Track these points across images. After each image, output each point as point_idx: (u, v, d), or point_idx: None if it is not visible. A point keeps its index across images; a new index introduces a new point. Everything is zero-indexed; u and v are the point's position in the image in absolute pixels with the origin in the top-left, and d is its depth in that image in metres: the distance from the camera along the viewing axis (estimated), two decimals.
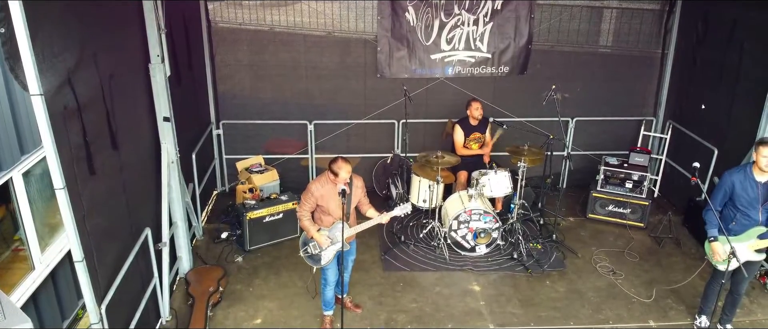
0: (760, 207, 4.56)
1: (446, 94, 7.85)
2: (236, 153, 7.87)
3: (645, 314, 5.55)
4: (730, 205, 4.72)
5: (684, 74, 7.70)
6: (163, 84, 5.13)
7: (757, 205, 4.56)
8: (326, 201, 4.77)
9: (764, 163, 4.44)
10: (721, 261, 4.71)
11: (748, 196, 4.57)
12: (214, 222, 7.14)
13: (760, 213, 4.57)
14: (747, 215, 4.62)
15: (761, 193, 4.54)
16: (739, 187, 4.61)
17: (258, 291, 5.75)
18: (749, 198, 4.57)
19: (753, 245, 4.66)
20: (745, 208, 4.61)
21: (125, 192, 4.49)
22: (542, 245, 6.68)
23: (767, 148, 4.43)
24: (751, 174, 4.57)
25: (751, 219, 4.62)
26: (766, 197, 4.53)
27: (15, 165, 5.07)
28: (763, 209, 4.55)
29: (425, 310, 5.52)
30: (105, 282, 3.94)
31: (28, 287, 4.61)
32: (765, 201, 4.54)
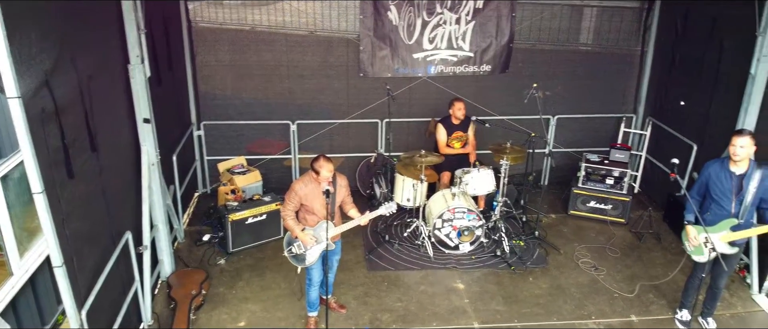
0: (733, 199, 4.65)
1: (429, 93, 7.88)
2: (218, 154, 7.82)
3: (627, 309, 5.63)
4: (707, 195, 4.84)
5: (663, 71, 7.82)
6: (143, 85, 5.08)
7: (730, 196, 4.66)
8: (310, 200, 4.77)
9: (732, 151, 4.56)
10: (695, 247, 4.82)
11: (722, 187, 4.68)
12: (196, 224, 7.09)
13: (733, 205, 4.67)
14: (720, 205, 4.73)
15: (735, 185, 4.64)
16: (714, 177, 4.73)
17: (241, 293, 5.72)
18: (723, 188, 4.68)
19: (726, 237, 4.76)
20: (718, 198, 4.72)
21: (105, 196, 4.44)
22: (525, 242, 6.74)
23: (738, 137, 4.55)
24: (728, 166, 4.68)
25: (723, 210, 4.73)
26: (739, 189, 4.63)
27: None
28: (736, 201, 4.65)
29: (410, 309, 5.55)
30: (85, 286, 3.91)
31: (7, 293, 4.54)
32: (739, 193, 4.63)
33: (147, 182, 5.28)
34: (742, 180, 4.63)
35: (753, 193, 4.60)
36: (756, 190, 4.59)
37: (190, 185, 7.57)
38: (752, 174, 4.61)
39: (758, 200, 4.65)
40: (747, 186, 4.60)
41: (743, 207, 4.64)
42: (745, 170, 4.64)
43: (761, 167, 4.63)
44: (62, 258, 3.44)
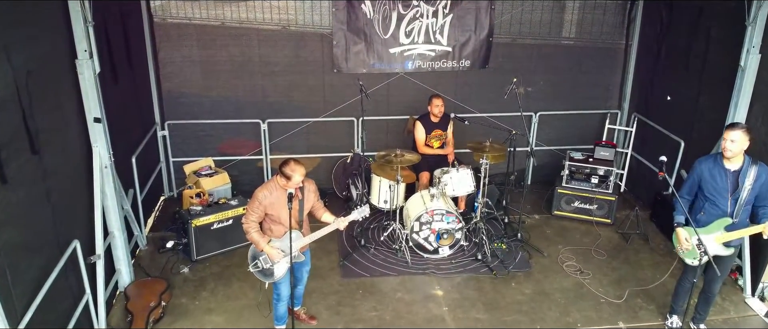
0: (729, 197, 4.44)
1: (407, 89, 7.64)
2: (185, 155, 7.51)
3: (614, 315, 5.42)
4: (700, 194, 4.61)
5: (649, 65, 7.65)
6: (92, 82, 4.76)
7: (726, 194, 4.45)
8: (276, 209, 4.46)
9: (724, 146, 4.34)
10: (687, 251, 4.60)
11: (717, 185, 4.46)
12: (161, 230, 6.76)
13: (729, 203, 4.46)
14: (715, 204, 4.51)
15: (730, 182, 4.43)
16: (707, 175, 4.50)
17: (204, 304, 5.42)
18: (718, 186, 4.46)
19: (720, 237, 4.54)
20: (713, 197, 4.49)
21: (50, 201, 4.14)
22: (507, 245, 6.52)
23: (730, 131, 4.33)
24: (721, 162, 4.46)
25: (718, 209, 4.51)
26: (735, 186, 4.42)
27: None
28: (731, 199, 4.44)
29: (385, 319, 5.29)
30: (23, 302, 3.59)
31: None
32: (734, 190, 4.42)
33: (99, 186, 4.96)
34: (738, 177, 4.41)
35: (749, 190, 4.39)
36: (752, 187, 4.39)
37: (156, 189, 7.24)
38: (748, 170, 4.40)
39: (753, 198, 4.44)
40: (743, 183, 4.39)
41: (739, 206, 4.44)
42: (740, 166, 4.42)
43: (757, 163, 4.43)
44: None
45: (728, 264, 4.81)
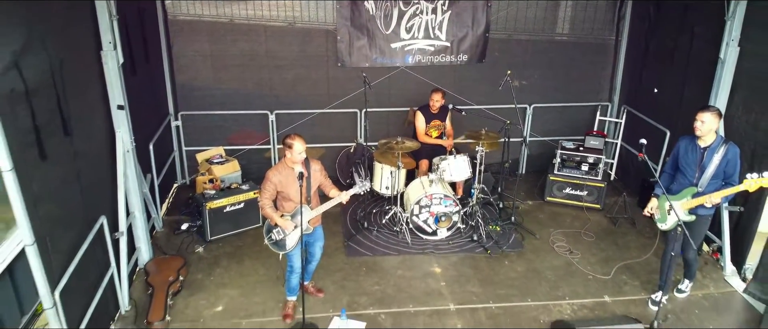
0: (696, 169, 4.94)
1: (408, 82, 7.94)
2: (197, 145, 7.82)
3: (601, 290, 5.74)
4: (678, 167, 5.13)
5: (637, 60, 7.95)
6: (116, 71, 5.08)
7: (695, 167, 4.96)
8: (285, 187, 4.80)
9: (695, 126, 4.85)
10: (660, 215, 5.17)
11: (688, 158, 5.00)
12: (175, 214, 7.08)
13: (696, 175, 4.95)
14: (684, 175, 5.05)
15: (699, 156, 4.93)
16: (683, 150, 5.05)
17: (219, 279, 5.74)
18: (688, 160, 5.00)
19: (685, 204, 5.01)
20: (684, 169, 5.05)
21: (79, 180, 4.44)
22: (501, 227, 6.83)
23: (701, 113, 4.82)
24: (696, 141, 4.95)
25: (687, 180, 5.03)
26: (702, 161, 4.92)
27: None
28: (699, 171, 4.93)
29: (387, 292, 5.60)
30: (59, 268, 3.91)
31: None
32: (701, 163, 4.91)
33: (122, 168, 5.28)
34: (706, 153, 4.90)
35: (715, 165, 4.85)
36: (719, 163, 4.84)
37: (169, 176, 7.55)
38: (717, 148, 4.86)
39: (721, 173, 4.88)
40: (710, 158, 4.87)
41: (704, 177, 4.91)
42: (710, 144, 4.89)
43: (728, 143, 4.85)
44: (33, 237, 3.44)
45: (697, 230, 5.17)
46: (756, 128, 5.75)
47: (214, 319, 5.15)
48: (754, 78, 5.80)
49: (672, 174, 5.20)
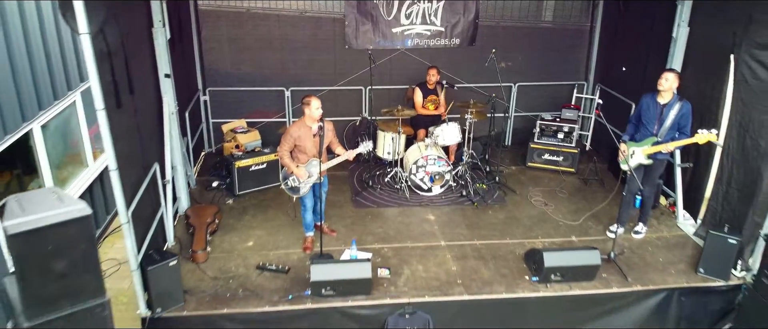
0: (656, 122, 5.91)
1: (407, 62, 8.84)
2: (222, 117, 8.73)
3: (569, 232, 6.66)
4: (640, 120, 6.10)
5: (609, 43, 8.86)
6: (164, 45, 6.00)
7: (655, 121, 5.93)
8: (303, 141, 5.72)
9: (660, 82, 5.85)
10: (624, 158, 6.07)
11: (649, 113, 5.97)
12: (204, 176, 7.99)
13: (656, 127, 5.92)
14: (646, 127, 6.00)
15: (658, 111, 5.90)
16: (645, 106, 6.02)
17: (248, 223, 6.67)
18: (650, 114, 5.96)
19: (646, 150, 5.99)
20: (646, 122, 6.01)
21: (139, 131, 5.35)
22: (487, 185, 7.74)
23: (665, 72, 5.86)
24: (656, 98, 5.92)
25: (647, 131, 6.00)
26: (661, 114, 5.89)
27: (35, 118, 5.98)
28: (658, 124, 5.90)
29: (389, 233, 6.52)
30: (129, 195, 4.81)
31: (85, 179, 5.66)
32: (660, 117, 5.89)
33: (168, 128, 6.20)
34: (664, 108, 5.85)
35: (672, 119, 5.84)
36: (674, 117, 5.83)
37: (198, 145, 8.46)
38: (673, 104, 5.85)
39: (676, 125, 5.86)
40: (667, 113, 5.84)
41: (662, 129, 5.89)
42: (668, 101, 5.87)
43: (682, 101, 5.85)
44: (116, 164, 4.36)
45: (654, 172, 6.18)
46: (703, 96, 6.61)
47: (246, 251, 6.08)
48: (700, 54, 6.70)
49: (636, 126, 6.18)
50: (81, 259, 3.74)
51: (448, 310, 5.42)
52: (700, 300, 5.84)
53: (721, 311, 5.92)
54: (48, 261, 3.62)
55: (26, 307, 3.70)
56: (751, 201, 5.77)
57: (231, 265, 5.80)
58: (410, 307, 5.32)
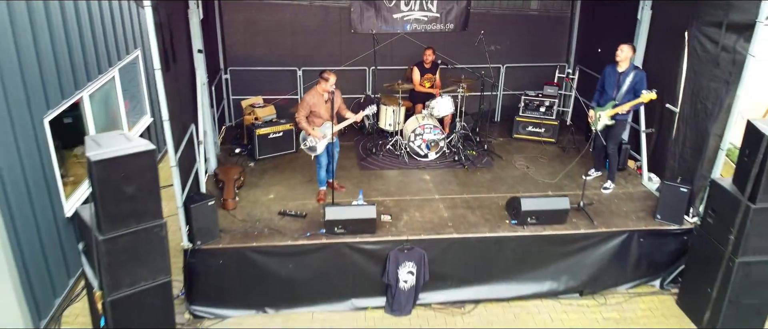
0: (615, 88, 6.86)
1: (406, 46, 9.70)
2: (240, 94, 9.63)
3: (546, 189, 7.54)
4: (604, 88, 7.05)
5: (587, 27, 9.74)
6: (198, 24, 6.88)
7: (614, 87, 6.90)
8: (317, 107, 6.62)
9: (616, 53, 6.86)
10: (593, 121, 7.06)
11: (610, 80, 6.97)
12: (227, 145, 8.88)
13: (614, 92, 6.88)
14: (607, 93, 6.98)
15: (616, 79, 6.90)
16: (606, 75, 7.03)
17: (268, 181, 7.56)
18: (610, 81, 6.96)
19: (608, 112, 6.92)
20: (607, 89, 7.02)
21: (179, 96, 6.22)
22: (477, 152, 8.63)
23: (621, 45, 6.84)
24: (615, 68, 6.94)
25: (609, 96, 6.95)
26: (618, 81, 6.89)
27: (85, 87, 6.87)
28: (616, 89, 6.87)
29: (390, 189, 7.42)
30: (176, 145, 5.68)
31: None
32: (618, 83, 6.87)
33: (200, 97, 7.08)
34: (621, 76, 6.82)
35: (628, 84, 6.83)
36: (630, 82, 6.82)
37: (220, 120, 9.33)
38: (629, 72, 6.84)
39: (632, 90, 6.80)
40: (624, 80, 6.83)
41: (620, 94, 6.87)
42: (625, 70, 6.85)
43: (637, 69, 6.85)
44: (169, 116, 5.25)
45: (617, 131, 7.19)
46: (664, 69, 7.48)
47: (268, 202, 6.97)
48: (661, 32, 7.58)
49: (600, 93, 7.13)
50: (146, 186, 4.62)
51: (440, 246, 6.31)
52: (657, 242, 6.72)
53: (677, 252, 6.79)
54: (121, 186, 4.48)
55: (101, 224, 4.57)
56: (700, 156, 6.65)
57: (256, 212, 6.70)
58: (408, 243, 6.20)
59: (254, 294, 6.20)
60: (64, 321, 6.13)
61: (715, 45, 6.34)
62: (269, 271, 6.10)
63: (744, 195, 5.53)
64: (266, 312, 6.26)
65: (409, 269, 6.21)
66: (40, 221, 5.85)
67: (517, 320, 6.34)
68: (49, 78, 6.07)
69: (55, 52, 6.21)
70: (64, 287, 6.43)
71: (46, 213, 6.03)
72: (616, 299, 6.71)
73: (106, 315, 4.86)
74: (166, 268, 5.03)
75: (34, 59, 5.78)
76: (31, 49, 5.72)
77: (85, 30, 6.93)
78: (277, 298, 6.26)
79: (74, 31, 6.64)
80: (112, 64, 7.90)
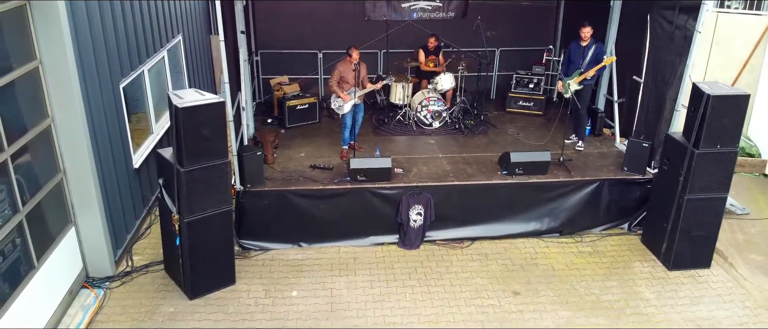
0: (581, 59, 8.07)
1: (413, 31, 10.87)
2: (268, 74, 10.83)
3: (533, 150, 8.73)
4: (570, 60, 8.24)
5: (571, 16, 10.91)
6: (241, 9, 8.07)
7: (579, 58, 8.10)
8: (345, 74, 7.88)
9: (580, 33, 8.12)
10: (563, 90, 8.18)
11: (577, 53, 8.16)
12: (259, 117, 10.07)
13: (581, 62, 8.10)
14: (574, 63, 8.21)
15: (581, 51, 8.12)
16: (572, 49, 8.26)
17: (298, 144, 8.75)
18: (577, 54, 8.16)
19: (576, 79, 8.11)
20: (574, 60, 8.22)
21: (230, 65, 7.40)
22: (474, 122, 9.82)
23: (582, 27, 8.04)
24: (580, 42, 8.16)
25: (575, 66, 8.19)
26: (583, 53, 8.10)
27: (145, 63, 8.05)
28: (581, 60, 8.09)
29: (401, 150, 8.62)
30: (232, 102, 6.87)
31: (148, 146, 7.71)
32: (582, 54, 8.10)
33: (243, 72, 8.28)
34: (585, 49, 8.04)
35: (590, 55, 8.06)
36: (592, 53, 8.06)
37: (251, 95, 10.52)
38: (591, 45, 8.09)
39: (594, 60, 8.06)
40: (587, 52, 8.07)
41: (585, 62, 8.08)
42: (587, 43, 8.06)
43: (597, 43, 8.10)
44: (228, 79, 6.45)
45: (584, 95, 8.36)
46: (633, 46, 8.63)
47: (300, 158, 8.19)
48: (631, 16, 8.76)
49: (567, 65, 8.34)
50: (217, 130, 5.81)
51: (444, 191, 7.51)
52: (624, 190, 7.90)
53: (641, 198, 7.95)
54: (199, 129, 5.68)
55: (182, 159, 5.76)
56: (659, 118, 7.83)
57: (291, 165, 7.91)
58: (417, 189, 7.40)
59: (291, 231, 7.39)
60: (134, 252, 7.33)
61: (671, 24, 7.52)
62: (304, 211, 7.29)
63: (690, 143, 6.69)
64: (301, 246, 7.44)
65: (418, 211, 7.39)
66: (118, 170, 7.04)
67: (507, 253, 7.51)
68: (123, 52, 7.26)
69: (127, 33, 7.40)
70: (133, 226, 7.63)
71: (121, 164, 7.22)
72: (590, 238, 7.89)
73: (181, 235, 6.06)
74: (229, 199, 6.23)
75: (113, 37, 6.95)
76: (111, 28, 6.90)
77: (145, 17, 8.12)
78: (309, 234, 7.44)
79: (138, 18, 7.83)
80: (162, 45, 9.08)
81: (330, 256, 7.29)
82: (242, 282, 6.65)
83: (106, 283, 6.51)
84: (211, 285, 6.40)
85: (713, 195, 6.83)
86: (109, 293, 6.41)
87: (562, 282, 6.88)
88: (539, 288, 6.76)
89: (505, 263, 7.24)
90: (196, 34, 11.36)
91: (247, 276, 6.77)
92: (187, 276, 6.20)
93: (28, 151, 5.51)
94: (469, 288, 6.71)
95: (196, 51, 11.28)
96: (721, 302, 6.59)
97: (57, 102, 5.75)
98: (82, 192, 6.15)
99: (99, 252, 6.53)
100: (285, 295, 6.49)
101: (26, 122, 5.53)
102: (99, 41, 6.49)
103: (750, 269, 7.25)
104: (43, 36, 5.51)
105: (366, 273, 6.93)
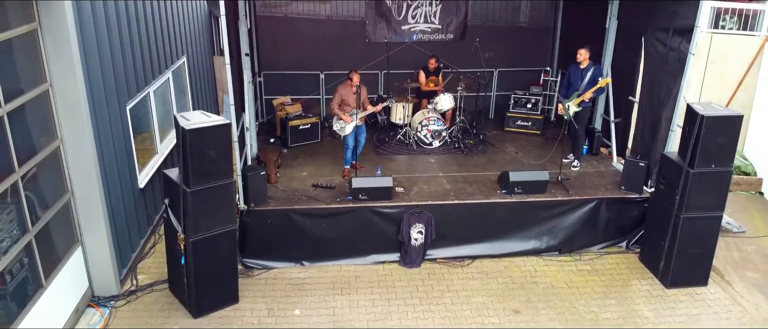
0: (579, 81, 8.19)
1: (412, 53, 11.02)
2: (270, 95, 10.96)
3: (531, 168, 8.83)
4: (570, 83, 8.36)
5: (567, 36, 11.08)
6: (245, 32, 8.22)
7: (578, 80, 8.23)
8: (347, 97, 7.99)
9: (577, 57, 8.20)
10: (564, 111, 8.29)
11: (575, 75, 8.29)
12: (262, 136, 10.17)
13: (578, 84, 8.19)
14: (573, 86, 8.31)
15: (579, 74, 8.25)
16: (571, 72, 8.40)
17: (301, 163, 8.84)
18: (575, 76, 8.29)
19: (574, 101, 8.20)
20: (573, 82, 8.33)
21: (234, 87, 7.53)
22: (473, 141, 9.93)
23: (579, 50, 8.23)
24: (578, 66, 8.28)
25: (573, 88, 8.30)
26: (581, 75, 8.22)
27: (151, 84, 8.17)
28: (580, 82, 8.20)
29: (402, 169, 8.71)
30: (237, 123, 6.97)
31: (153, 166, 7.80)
32: (581, 77, 8.21)
33: (247, 93, 8.39)
34: (583, 71, 8.17)
35: (588, 77, 8.19)
36: (590, 75, 8.18)
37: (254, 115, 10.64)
38: (589, 67, 8.21)
39: (592, 82, 8.16)
40: (585, 74, 8.19)
41: (582, 85, 8.18)
42: (585, 66, 8.21)
43: (595, 65, 8.23)
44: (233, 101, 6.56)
45: (582, 117, 8.46)
46: (628, 67, 8.79)
47: (302, 177, 8.27)
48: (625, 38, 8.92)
49: (566, 87, 8.45)
50: (222, 151, 5.92)
51: (444, 211, 7.58)
52: (621, 208, 7.98)
53: (638, 217, 8.04)
54: (205, 150, 5.78)
55: (189, 179, 5.86)
56: (655, 137, 7.95)
57: (294, 184, 8.00)
58: (418, 208, 7.48)
59: (294, 249, 7.45)
60: (139, 271, 7.38)
61: (665, 46, 7.67)
62: (306, 230, 7.36)
63: (685, 163, 6.79)
64: (303, 265, 7.50)
65: (419, 229, 7.46)
66: (124, 190, 7.12)
67: (507, 271, 7.57)
68: (130, 74, 7.38)
69: (134, 55, 7.53)
70: (138, 245, 7.68)
71: (127, 184, 7.30)
72: (589, 256, 7.95)
73: (186, 254, 6.12)
74: (233, 219, 6.32)
75: (120, 60, 7.07)
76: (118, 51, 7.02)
77: (152, 40, 8.26)
78: (311, 253, 7.50)
79: (145, 40, 7.96)
80: (167, 67, 9.22)
81: (332, 275, 7.34)
82: (245, 301, 6.69)
83: (112, 302, 6.55)
84: (215, 303, 6.45)
85: (709, 214, 6.91)
86: (114, 312, 6.44)
87: (562, 300, 6.93)
88: (539, 306, 6.81)
89: (505, 281, 7.29)
90: (199, 55, 11.52)
91: (250, 295, 6.82)
92: (191, 294, 6.25)
93: (37, 172, 5.60)
94: (470, 306, 6.75)
95: (199, 71, 11.43)
96: (718, 319, 6.64)
97: (66, 123, 5.86)
98: (89, 212, 6.23)
99: (105, 272, 6.58)
100: (288, 314, 6.53)
101: (36, 143, 5.63)
102: (107, 64, 6.61)
103: (747, 287, 7.31)
104: (54, 59, 5.63)
105: (367, 292, 6.98)
